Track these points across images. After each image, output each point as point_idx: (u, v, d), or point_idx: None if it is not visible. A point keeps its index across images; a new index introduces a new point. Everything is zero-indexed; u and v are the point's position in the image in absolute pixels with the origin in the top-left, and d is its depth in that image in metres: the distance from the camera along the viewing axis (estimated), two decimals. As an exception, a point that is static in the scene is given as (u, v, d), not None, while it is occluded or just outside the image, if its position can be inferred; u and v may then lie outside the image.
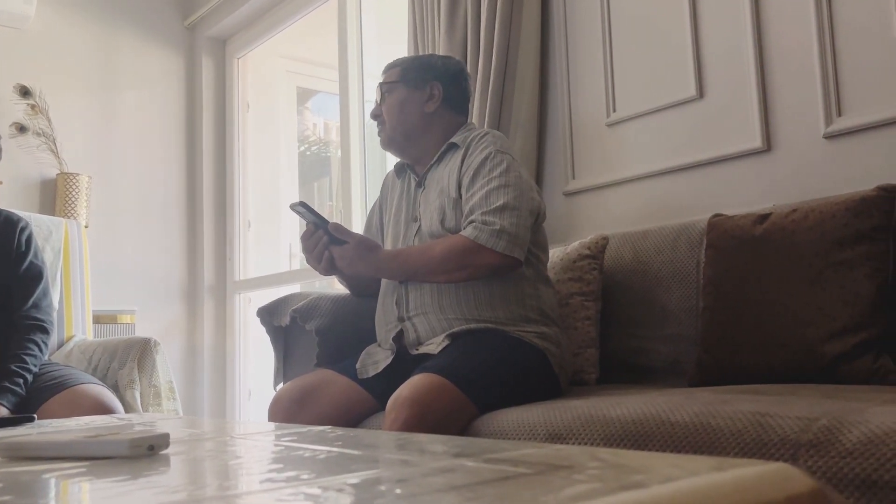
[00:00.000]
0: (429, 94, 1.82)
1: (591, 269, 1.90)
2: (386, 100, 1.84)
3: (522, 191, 1.64)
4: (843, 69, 1.78)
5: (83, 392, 1.95)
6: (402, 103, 1.82)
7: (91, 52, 3.69)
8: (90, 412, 1.87)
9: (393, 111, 1.82)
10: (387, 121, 1.83)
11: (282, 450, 0.81)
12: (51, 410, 1.89)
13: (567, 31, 2.38)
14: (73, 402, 1.91)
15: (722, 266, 1.60)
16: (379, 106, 1.85)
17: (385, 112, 1.84)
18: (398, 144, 1.85)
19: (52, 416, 1.86)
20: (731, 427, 1.03)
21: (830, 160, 1.80)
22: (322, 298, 1.92)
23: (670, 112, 2.12)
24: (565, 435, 1.21)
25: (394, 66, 1.87)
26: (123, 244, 3.67)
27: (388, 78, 1.85)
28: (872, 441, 0.88)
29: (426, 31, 2.59)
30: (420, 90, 1.82)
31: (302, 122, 4.59)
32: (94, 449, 0.77)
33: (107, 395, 1.99)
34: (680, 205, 2.07)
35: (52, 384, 1.97)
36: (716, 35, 2.03)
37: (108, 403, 1.94)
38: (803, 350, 1.43)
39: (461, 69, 1.90)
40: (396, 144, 1.85)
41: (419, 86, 1.82)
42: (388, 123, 1.83)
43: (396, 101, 1.83)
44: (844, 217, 1.44)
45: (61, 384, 1.96)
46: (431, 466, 0.62)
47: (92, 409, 1.89)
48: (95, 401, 1.93)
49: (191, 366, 3.84)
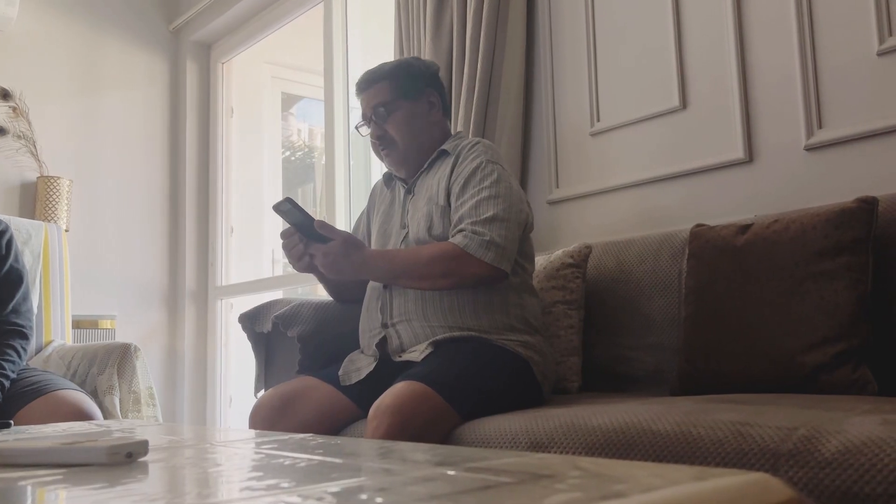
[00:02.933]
0: (428, 103, 1.79)
1: (575, 277, 1.90)
2: (389, 119, 1.75)
3: (512, 202, 1.63)
4: (823, 82, 1.80)
5: (61, 398, 1.92)
6: (409, 118, 1.75)
7: (74, 55, 3.66)
8: (68, 418, 1.85)
9: (403, 129, 1.75)
10: (398, 140, 1.75)
11: (262, 458, 0.80)
12: (28, 416, 1.87)
13: (552, 41, 2.39)
14: (50, 407, 1.89)
15: (704, 276, 1.61)
16: (380, 127, 1.76)
17: (393, 131, 1.75)
18: (413, 161, 1.78)
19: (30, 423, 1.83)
20: (711, 436, 1.03)
21: (811, 171, 1.82)
22: (304, 305, 1.91)
23: (654, 122, 2.13)
24: (547, 443, 1.21)
25: (377, 79, 1.78)
26: (104, 248, 3.64)
27: (382, 95, 1.76)
28: (850, 451, 0.89)
29: (412, 38, 2.59)
30: (419, 101, 1.77)
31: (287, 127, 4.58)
32: (72, 456, 0.76)
33: (85, 400, 1.97)
34: (663, 214, 2.08)
35: (29, 390, 1.94)
36: (699, 47, 2.04)
37: (86, 409, 1.92)
38: (783, 360, 1.43)
39: (438, 69, 1.88)
40: (411, 162, 1.78)
41: (417, 97, 1.77)
42: (400, 143, 1.75)
43: (403, 119, 1.75)
44: (825, 228, 1.46)
45: (39, 390, 1.94)
46: (412, 475, 0.62)
47: (70, 415, 1.87)
48: (74, 407, 1.90)
49: (171, 372, 3.81)
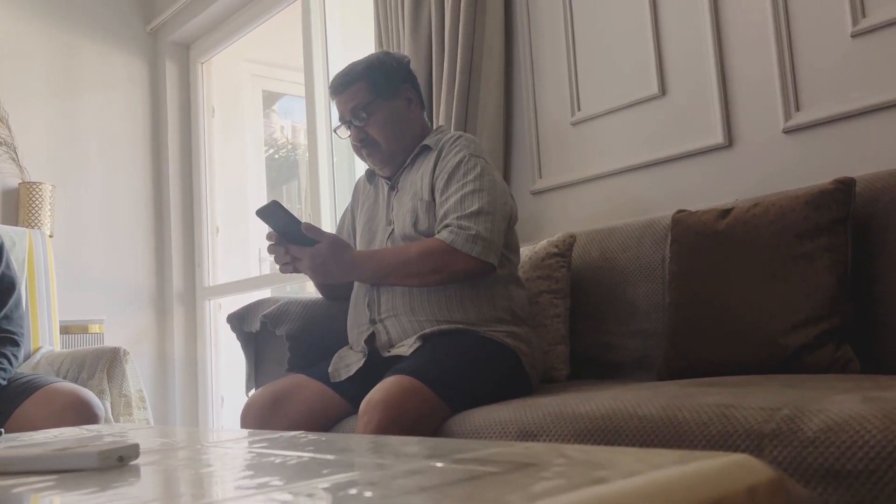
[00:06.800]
0: (406, 99, 1.79)
1: (560, 266, 1.92)
2: (370, 121, 1.74)
3: (496, 196, 1.64)
4: (800, 66, 1.82)
5: (55, 390, 1.91)
6: (390, 118, 1.75)
7: (51, 58, 3.64)
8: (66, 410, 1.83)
9: (385, 130, 1.75)
10: (381, 141, 1.75)
11: (253, 457, 0.81)
12: (24, 415, 1.86)
13: (531, 32, 2.40)
14: (46, 400, 1.87)
15: (686, 261, 1.63)
16: (361, 130, 1.75)
17: (376, 133, 1.74)
18: (397, 160, 1.78)
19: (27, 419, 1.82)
20: (696, 419, 1.04)
21: (790, 154, 1.84)
22: (292, 303, 1.92)
23: (633, 110, 2.14)
24: (536, 432, 1.23)
25: (352, 80, 1.76)
26: (90, 252, 3.62)
27: (359, 97, 1.74)
28: (832, 429, 0.90)
29: (390, 33, 2.59)
30: (397, 98, 1.77)
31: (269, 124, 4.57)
32: (63, 462, 0.77)
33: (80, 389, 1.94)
34: (645, 201, 2.10)
35: (21, 389, 1.93)
36: (676, 33, 2.06)
37: (82, 397, 1.90)
38: (767, 341, 1.45)
39: (409, 61, 1.87)
40: (396, 161, 1.79)
41: (394, 94, 1.77)
42: (383, 143, 1.75)
43: (384, 119, 1.74)
44: (804, 210, 1.47)
45: (33, 385, 1.92)
46: (401, 469, 0.63)
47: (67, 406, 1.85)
48: (69, 397, 1.89)
49: (162, 374, 3.80)
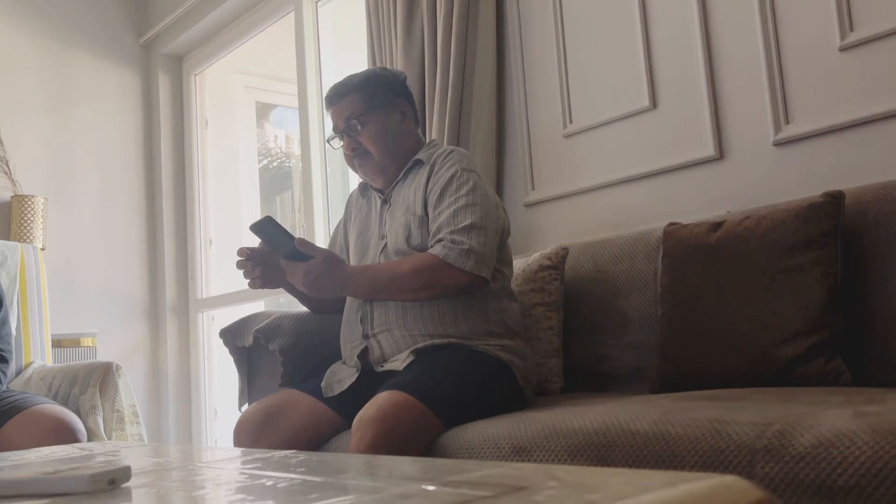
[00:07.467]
0: (400, 113, 1.81)
1: (553, 279, 1.92)
2: (363, 131, 1.76)
3: (489, 210, 1.65)
4: (789, 79, 1.83)
5: (40, 412, 1.90)
6: (383, 129, 1.77)
7: (44, 71, 3.63)
8: (49, 432, 1.83)
9: (378, 141, 1.76)
10: (373, 152, 1.77)
11: (245, 478, 0.81)
12: (9, 433, 1.85)
13: (522, 45, 2.41)
14: (30, 422, 1.87)
15: (678, 274, 1.63)
16: (354, 140, 1.77)
17: (368, 143, 1.76)
18: (388, 171, 1.80)
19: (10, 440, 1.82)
20: (688, 435, 1.05)
21: (780, 166, 1.85)
22: (285, 317, 1.91)
23: (625, 123, 2.15)
24: (530, 448, 1.23)
25: (347, 91, 1.79)
26: (83, 265, 3.61)
27: (353, 107, 1.77)
28: (823, 445, 0.91)
29: (383, 46, 2.60)
30: (391, 111, 1.79)
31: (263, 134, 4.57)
32: (54, 485, 0.76)
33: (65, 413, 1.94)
34: (637, 213, 2.11)
35: (7, 408, 1.92)
36: (667, 47, 2.07)
37: (67, 421, 1.90)
38: (758, 354, 1.46)
39: (406, 77, 1.90)
40: (387, 172, 1.80)
41: (389, 107, 1.79)
42: (375, 154, 1.77)
43: (377, 130, 1.76)
44: (794, 223, 1.48)
45: (17, 407, 1.92)
46: (391, 492, 0.63)
47: (51, 429, 1.85)
48: (54, 420, 1.88)
49: (155, 387, 3.79)
